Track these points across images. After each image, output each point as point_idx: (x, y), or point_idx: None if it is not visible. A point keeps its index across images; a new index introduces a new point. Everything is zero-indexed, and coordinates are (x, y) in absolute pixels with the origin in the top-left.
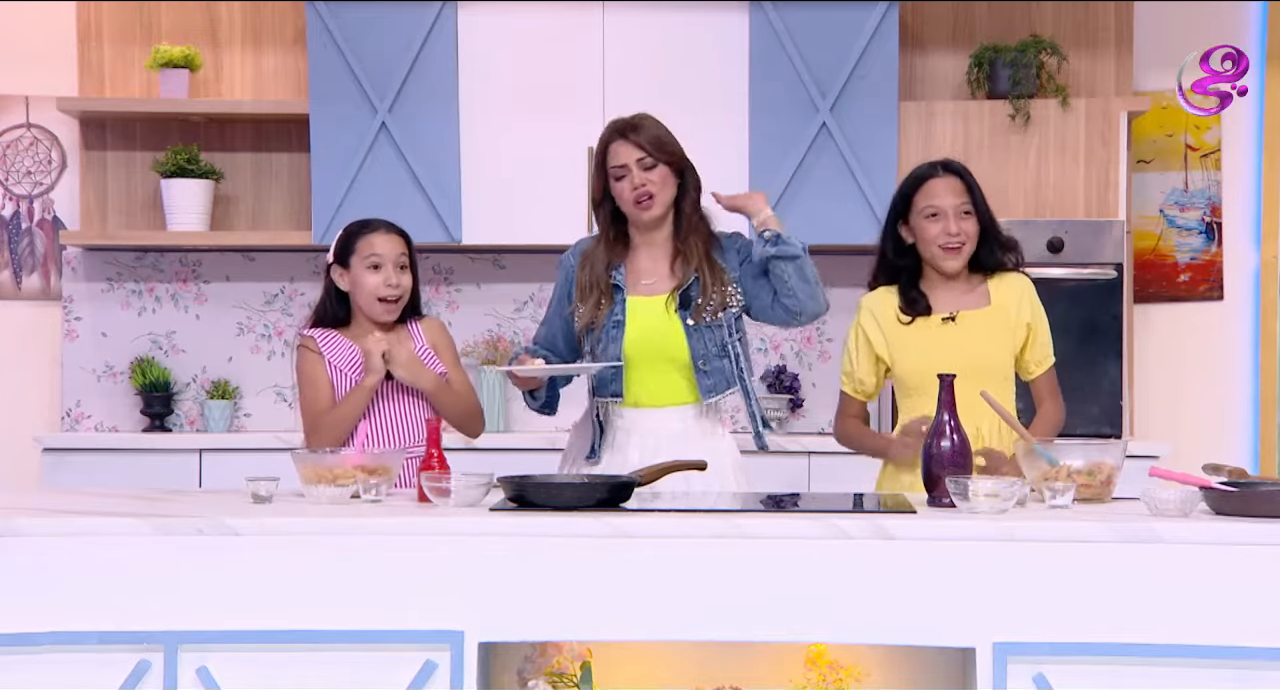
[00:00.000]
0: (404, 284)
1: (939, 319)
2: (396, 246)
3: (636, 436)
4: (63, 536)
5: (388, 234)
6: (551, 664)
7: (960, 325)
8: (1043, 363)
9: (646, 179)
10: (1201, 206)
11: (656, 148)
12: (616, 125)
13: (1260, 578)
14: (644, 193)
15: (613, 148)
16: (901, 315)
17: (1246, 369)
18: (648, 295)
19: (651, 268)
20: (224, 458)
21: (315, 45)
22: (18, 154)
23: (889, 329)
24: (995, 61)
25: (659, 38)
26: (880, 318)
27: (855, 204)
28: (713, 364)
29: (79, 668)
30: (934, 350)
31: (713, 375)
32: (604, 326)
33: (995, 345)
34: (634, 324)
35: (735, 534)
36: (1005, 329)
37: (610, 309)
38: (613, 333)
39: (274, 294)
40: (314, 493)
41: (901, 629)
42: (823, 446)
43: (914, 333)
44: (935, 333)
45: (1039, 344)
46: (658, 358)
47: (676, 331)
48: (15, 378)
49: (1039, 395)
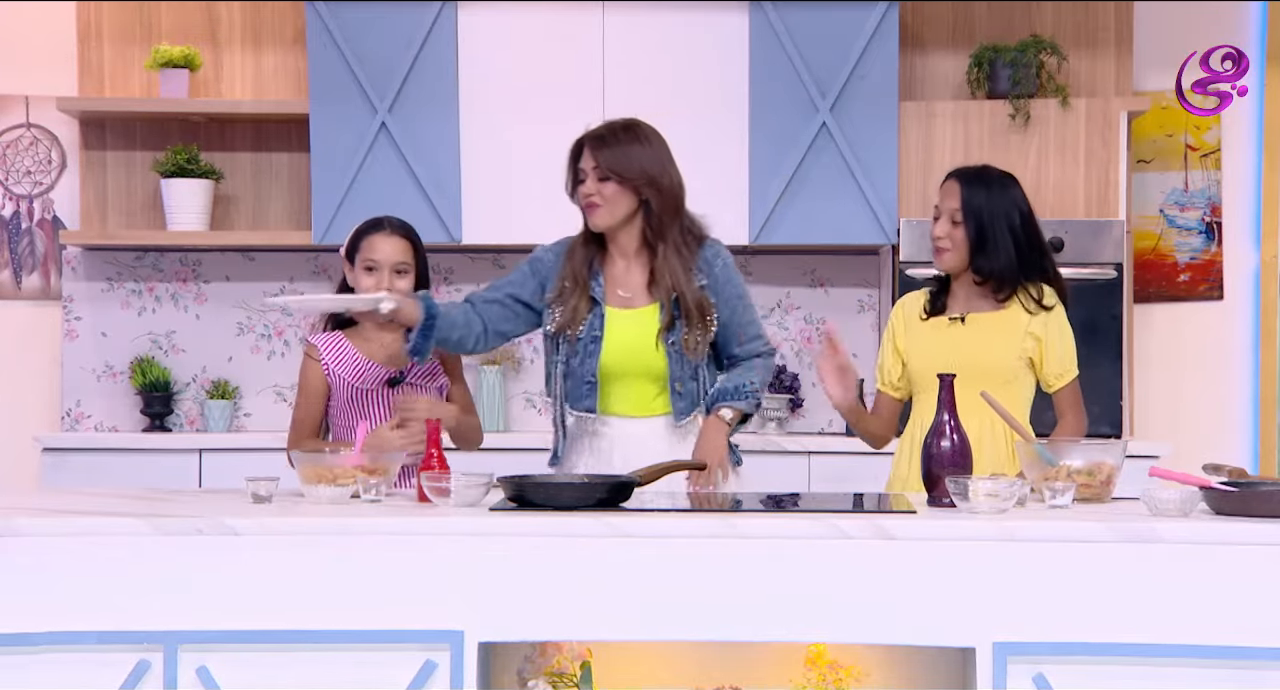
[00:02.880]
0: (397, 289)
1: (948, 319)
2: (396, 251)
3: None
4: (63, 536)
5: (390, 236)
6: (551, 664)
7: (968, 326)
8: (1063, 376)
9: (597, 189)
10: (1201, 206)
11: (609, 165)
12: (591, 130)
13: (1260, 578)
14: (591, 201)
15: (583, 151)
16: (922, 313)
17: (1246, 369)
18: (624, 308)
19: (627, 280)
20: (224, 458)
21: (315, 45)
22: (18, 154)
23: (910, 326)
24: (995, 61)
25: (659, 38)
26: (906, 315)
27: (855, 204)
28: (686, 386)
29: (79, 668)
30: (938, 348)
31: (685, 398)
32: (584, 339)
33: (997, 348)
34: (612, 339)
35: (734, 534)
36: (1012, 334)
37: (588, 321)
38: (590, 347)
39: (274, 294)
40: (314, 493)
41: (901, 629)
42: (823, 446)
43: (926, 331)
44: (943, 332)
45: (1054, 358)
46: (634, 373)
47: (659, 353)
48: (15, 378)
49: (1060, 408)
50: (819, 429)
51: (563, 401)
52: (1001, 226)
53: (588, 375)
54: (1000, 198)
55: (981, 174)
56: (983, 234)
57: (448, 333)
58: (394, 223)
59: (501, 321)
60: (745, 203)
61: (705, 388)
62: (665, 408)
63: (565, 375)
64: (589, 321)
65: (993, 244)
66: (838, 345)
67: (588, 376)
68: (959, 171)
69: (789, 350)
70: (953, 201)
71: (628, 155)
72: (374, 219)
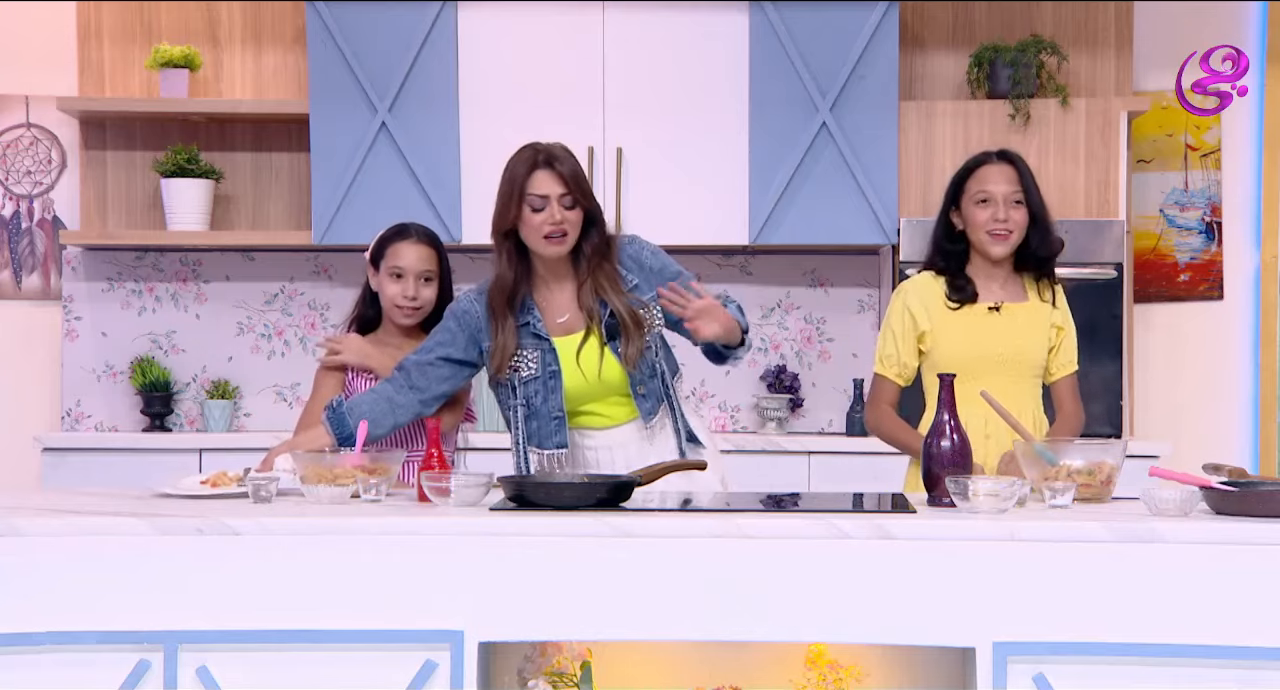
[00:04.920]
0: (423, 297)
1: (984, 307)
2: (423, 259)
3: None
4: (63, 536)
5: (416, 244)
6: (551, 664)
7: (1005, 315)
8: (1065, 367)
9: (565, 217)
10: (1201, 206)
11: (577, 187)
12: (540, 153)
13: (1260, 578)
14: (559, 230)
15: (536, 175)
16: (949, 301)
17: (1246, 369)
18: (566, 334)
19: (561, 302)
20: (224, 458)
21: (315, 45)
22: (18, 154)
23: (935, 313)
24: (995, 61)
25: (659, 38)
26: (927, 301)
27: (855, 204)
28: (648, 385)
29: (79, 668)
30: (978, 337)
31: (650, 397)
32: (541, 377)
33: (1035, 339)
34: (569, 369)
35: (735, 534)
36: (1043, 324)
37: (541, 358)
38: (550, 383)
39: (274, 294)
40: (314, 493)
41: (901, 629)
42: (823, 446)
43: (960, 319)
44: (981, 321)
45: (1064, 349)
46: (598, 394)
47: (611, 365)
48: (15, 378)
49: (1059, 398)
50: (819, 429)
51: (525, 445)
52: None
53: (554, 411)
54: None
55: (1012, 153)
56: (1039, 210)
57: (373, 431)
58: (420, 230)
59: (439, 384)
60: (745, 203)
61: (666, 377)
62: (633, 413)
63: (528, 417)
64: (540, 359)
65: (1044, 223)
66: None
67: (555, 412)
68: (1003, 153)
69: (789, 350)
70: (1009, 184)
71: (581, 174)
72: (399, 225)
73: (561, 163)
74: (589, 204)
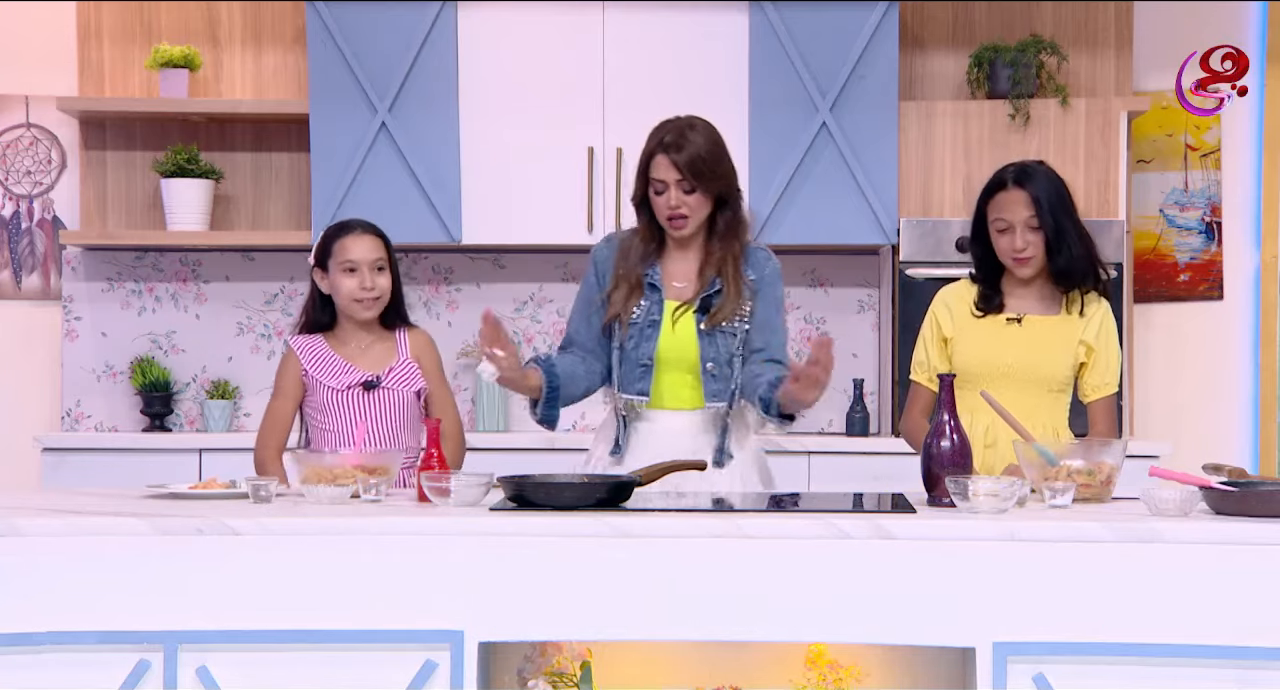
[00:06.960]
0: (380, 285)
1: (1005, 318)
2: (372, 249)
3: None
4: (63, 536)
5: (362, 236)
6: (551, 664)
7: (1025, 328)
8: (1100, 389)
9: (683, 201)
10: (1201, 206)
11: (695, 175)
12: (662, 137)
13: (1260, 578)
14: (678, 214)
15: (657, 159)
16: (975, 309)
17: (1246, 369)
18: (678, 299)
19: (684, 271)
20: (224, 458)
21: (315, 45)
22: (18, 154)
23: (960, 319)
24: (995, 61)
25: (659, 38)
26: (953, 307)
27: (855, 204)
28: (722, 370)
29: (79, 668)
30: (993, 348)
31: (720, 380)
32: (640, 324)
33: (1054, 353)
34: (667, 326)
35: (735, 534)
36: (1068, 340)
37: (647, 308)
38: (648, 331)
39: (274, 294)
40: (314, 493)
41: (901, 629)
42: (823, 446)
43: (980, 327)
44: (999, 331)
45: (1098, 369)
46: (680, 362)
47: (692, 335)
48: (15, 378)
49: (1092, 419)
50: (819, 429)
51: (617, 389)
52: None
53: (643, 359)
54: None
55: (1029, 171)
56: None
57: (571, 391)
58: (362, 223)
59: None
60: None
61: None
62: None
63: (620, 361)
64: (646, 307)
65: (1068, 237)
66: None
67: (643, 359)
68: (1015, 176)
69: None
70: (1024, 210)
71: (705, 162)
72: (340, 222)
73: (680, 151)
74: (715, 187)
